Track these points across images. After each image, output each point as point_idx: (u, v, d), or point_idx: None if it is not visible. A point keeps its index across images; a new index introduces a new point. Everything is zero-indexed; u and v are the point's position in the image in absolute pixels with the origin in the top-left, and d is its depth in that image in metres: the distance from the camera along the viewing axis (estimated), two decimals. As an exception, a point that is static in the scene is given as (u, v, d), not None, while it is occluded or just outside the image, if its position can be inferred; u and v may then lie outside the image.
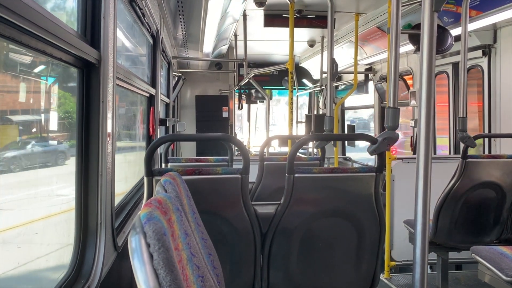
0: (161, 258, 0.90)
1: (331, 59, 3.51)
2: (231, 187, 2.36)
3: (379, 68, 7.28)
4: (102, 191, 1.83)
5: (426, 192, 1.84)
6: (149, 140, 3.88)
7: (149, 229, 0.94)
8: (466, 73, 3.60)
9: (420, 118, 1.86)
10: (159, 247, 0.91)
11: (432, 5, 1.77)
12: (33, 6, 1.19)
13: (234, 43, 7.36)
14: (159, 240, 0.92)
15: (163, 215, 1.07)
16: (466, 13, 3.50)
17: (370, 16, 5.43)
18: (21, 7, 1.11)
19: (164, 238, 0.94)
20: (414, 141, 6.03)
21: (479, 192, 3.50)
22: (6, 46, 1.28)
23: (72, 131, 1.82)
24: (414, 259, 1.87)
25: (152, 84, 4.01)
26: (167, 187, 1.64)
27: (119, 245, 2.11)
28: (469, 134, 3.50)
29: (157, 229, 0.94)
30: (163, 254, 0.91)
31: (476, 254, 2.90)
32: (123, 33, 3.03)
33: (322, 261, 2.53)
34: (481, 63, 4.72)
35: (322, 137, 3.44)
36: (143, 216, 0.98)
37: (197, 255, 1.37)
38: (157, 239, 0.92)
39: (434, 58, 1.79)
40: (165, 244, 0.93)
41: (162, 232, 0.95)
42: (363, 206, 2.49)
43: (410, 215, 3.93)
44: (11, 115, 1.46)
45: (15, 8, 1.07)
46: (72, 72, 1.81)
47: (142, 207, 1.10)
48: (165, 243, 0.93)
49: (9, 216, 1.37)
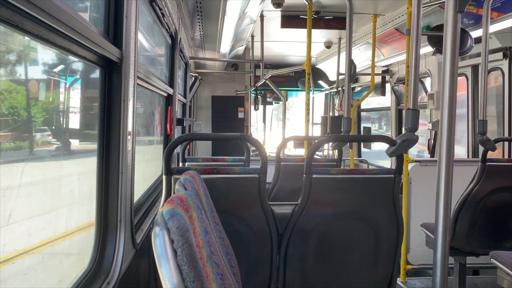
0: (184, 254, 0.91)
1: (350, 60, 3.49)
2: (249, 187, 2.37)
3: (397, 70, 7.21)
4: (122, 188, 1.85)
5: (447, 195, 1.82)
6: (166, 139, 3.91)
7: (173, 225, 0.94)
8: (487, 76, 3.55)
9: (442, 121, 1.84)
10: (182, 243, 0.92)
11: (456, 6, 1.75)
12: (61, 5, 1.21)
13: (250, 44, 7.38)
14: (182, 236, 0.93)
15: (185, 212, 1.08)
16: (487, 14, 3.45)
17: (388, 18, 5.39)
18: (49, 5, 1.13)
19: (187, 234, 0.94)
20: (432, 144, 5.96)
21: (498, 196, 3.44)
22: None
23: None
24: (435, 264, 1.85)
25: (170, 84, 4.04)
26: (187, 185, 1.66)
27: (138, 242, 2.13)
28: (489, 137, 3.44)
29: (181, 225, 0.95)
30: (187, 250, 0.92)
31: (495, 259, 2.85)
32: (143, 33, 3.06)
33: (338, 263, 2.51)
34: (502, 65, 4.65)
35: (341, 138, 3.42)
36: (166, 212, 0.99)
37: (217, 253, 1.38)
38: (181, 235, 0.93)
39: (457, 60, 1.77)
40: (189, 241, 0.93)
41: (185, 229, 0.95)
42: (381, 208, 2.47)
43: (427, 219, 3.89)
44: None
45: (43, 6, 1.09)
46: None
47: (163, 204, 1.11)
48: (188, 239, 0.93)
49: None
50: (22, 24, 1.06)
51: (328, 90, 9.58)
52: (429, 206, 1.91)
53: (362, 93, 7.51)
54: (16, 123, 1.33)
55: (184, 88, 6.09)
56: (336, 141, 3.53)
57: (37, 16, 1.07)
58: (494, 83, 4.96)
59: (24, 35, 1.17)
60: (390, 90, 7.44)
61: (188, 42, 5.94)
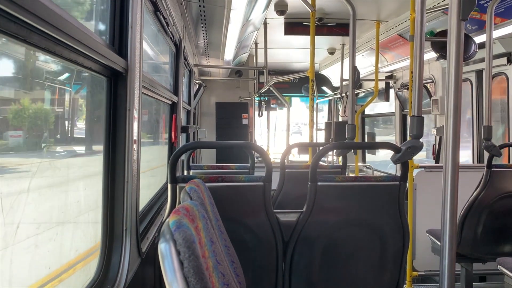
0: (191, 266, 0.91)
1: (353, 67, 3.50)
2: (254, 195, 2.37)
3: (400, 76, 7.21)
4: (128, 197, 1.85)
5: (453, 202, 1.81)
6: (171, 147, 3.92)
7: (179, 237, 0.95)
8: (491, 81, 3.54)
9: (448, 127, 1.83)
10: (189, 254, 0.92)
11: (459, 14, 1.75)
12: (67, 18, 1.23)
13: (254, 51, 7.40)
14: (189, 247, 0.93)
15: (191, 223, 1.09)
16: (491, 20, 3.45)
17: (391, 24, 5.39)
18: (56, 18, 1.14)
19: (194, 246, 0.95)
20: (437, 150, 5.94)
21: (505, 202, 3.42)
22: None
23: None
24: (441, 271, 1.84)
25: (174, 92, 4.06)
26: (192, 195, 1.66)
27: (143, 251, 2.13)
28: (494, 143, 3.43)
29: (187, 237, 0.95)
30: (193, 262, 0.92)
31: (503, 265, 2.83)
32: (148, 42, 3.08)
33: (344, 270, 2.51)
34: (506, 70, 4.64)
35: (345, 146, 3.41)
36: (172, 223, 0.99)
37: (222, 263, 1.38)
38: (187, 246, 0.93)
39: (462, 67, 1.77)
40: (195, 252, 0.94)
41: (192, 240, 0.96)
42: (387, 215, 2.46)
43: (433, 225, 3.87)
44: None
45: (50, 20, 1.11)
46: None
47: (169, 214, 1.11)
48: (195, 251, 0.94)
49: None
50: (29, 38, 1.07)
51: (332, 96, 9.58)
52: (435, 212, 1.90)
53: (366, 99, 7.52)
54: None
55: (189, 96, 6.12)
56: (340, 148, 3.52)
57: (43, 29, 1.09)
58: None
59: (32, 48, 1.18)
60: (394, 95, 7.43)
61: (192, 50, 5.97)
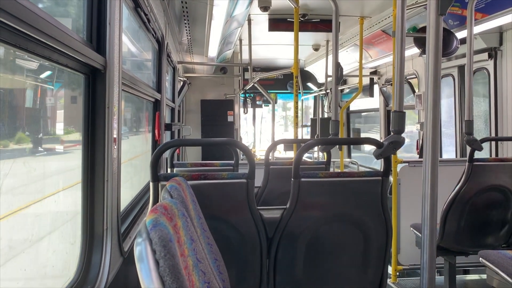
0: (167, 265, 0.90)
1: (336, 63, 3.50)
2: (237, 192, 2.36)
3: (384, 72, 7.26)
4: (108, 196, 1.83)
5: (433, 196, 1.83)
6: (154, 145, 3.89)
7: (155, 236, 0.93)
8: (472, 76, 3.58)
9: (426, 122, 1.85)
10: (164, 253, 0.91)
11: (438, 9, 1.76)
12: (39, 14, 1.20)
13: (239, 48, 7.38)
14: (164, 246, 0.92)
15: (168, 221, 1.07)
16: (471, 15, 3.48)
17: (375, 20, 5.42)
18: (27, 14, 1.11)
19: (170, 244, 0.93)
20: (420, 145, 6.00)
21: (486, 195, 3.47)
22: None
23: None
24: (422, 264, 1.85)
25: (157, 89, 4.02)
26: (173, 193, 1.64)
27: (125, 250, 2.11)
28: (475, 138, 3.47)
29: (163, 236, 0.94)
30: (169, 261, 0.91)
31: (484, 258, 2.87)
32: (128, 38, 3.04)
33: (328, 266, 2.51)
34: (487, 65, 4.70)
35: (328, 141, 3.41)
36: (149, 222, 0.98)
37: (203, 261, 1.37)
38: (162, 245, 0.92)
39: (440, 62, 1.79)
40: (171, 251, 0.92)
41: (168, 239, 0.94)
42: (370, 210, 2.48)
43: (417, 219, 3.91)
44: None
45: (21, 16, 1.08)
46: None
47: (148, 213, 1.10)
48: (170, 249, 0.92)
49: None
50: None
51: (317, 92, 9.61)
52: (419, 206, 1.91)
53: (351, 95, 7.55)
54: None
55: (173, 93, 6.07)
56: (323, 144, 3.53)
57: (14, 25, 1.06)
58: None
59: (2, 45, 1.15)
60: (379, 91, 7.48)
61: (176, 46, 5.92)
